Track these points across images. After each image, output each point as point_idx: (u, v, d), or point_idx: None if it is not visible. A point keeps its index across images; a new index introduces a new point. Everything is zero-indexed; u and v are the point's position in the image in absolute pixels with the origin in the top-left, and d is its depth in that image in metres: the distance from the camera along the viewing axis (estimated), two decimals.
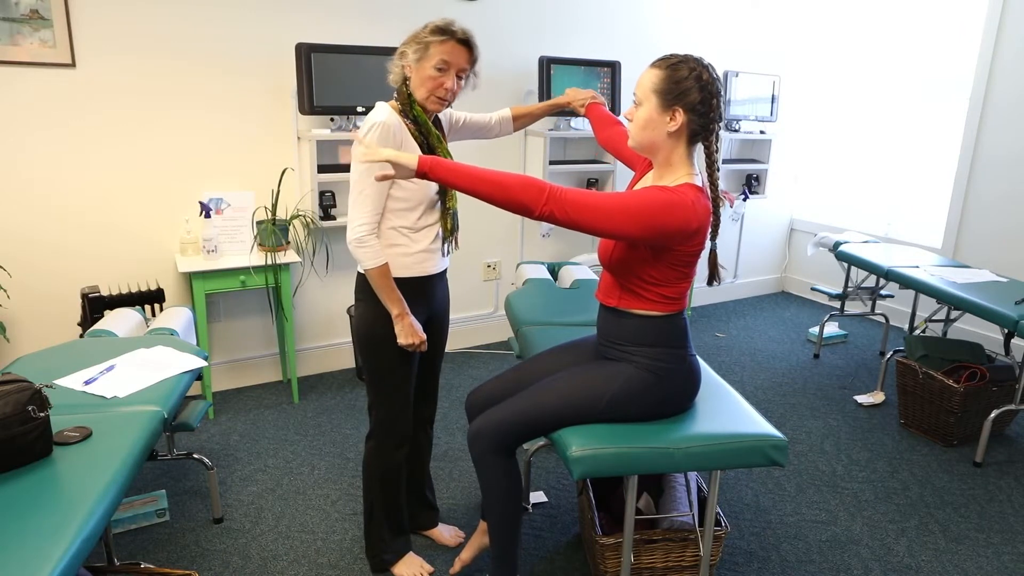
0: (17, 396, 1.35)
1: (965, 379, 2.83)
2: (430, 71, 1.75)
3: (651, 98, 1.54)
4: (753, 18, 4.51)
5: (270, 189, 3.18)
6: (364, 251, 1.74)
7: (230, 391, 3.29)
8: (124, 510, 2.23)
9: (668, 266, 1.58)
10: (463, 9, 3.47)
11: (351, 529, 2.27)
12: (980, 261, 3.87)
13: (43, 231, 2.79)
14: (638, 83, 1.58)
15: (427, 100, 1.77)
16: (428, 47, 1.74)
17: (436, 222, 1.88)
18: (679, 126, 1.54)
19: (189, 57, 2.90)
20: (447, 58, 1.75)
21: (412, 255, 1.85)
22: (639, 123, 1.58)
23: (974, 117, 3.83)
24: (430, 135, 1.80)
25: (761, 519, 2.38)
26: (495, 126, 2.14)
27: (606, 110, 2.12)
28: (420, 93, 1.76)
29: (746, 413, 1.77)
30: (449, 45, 1.75)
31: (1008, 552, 2.24)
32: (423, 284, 1.90)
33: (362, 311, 1.86)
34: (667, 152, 1.59)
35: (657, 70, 1.55)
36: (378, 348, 1.86)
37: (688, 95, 1.52)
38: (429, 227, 1.86)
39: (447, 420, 3.04)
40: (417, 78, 1.76)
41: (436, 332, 2.06)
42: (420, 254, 1.86)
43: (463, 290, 3.87)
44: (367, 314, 1.84)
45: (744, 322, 4.50)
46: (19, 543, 1.14)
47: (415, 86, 1.77)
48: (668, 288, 1.61)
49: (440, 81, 1.75)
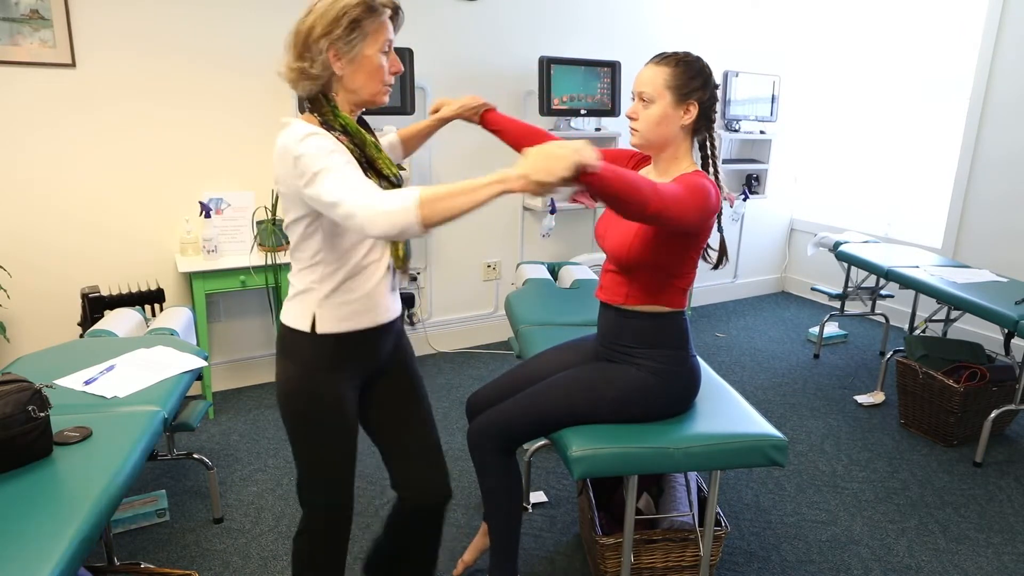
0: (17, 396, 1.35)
1: (965, 379, 2.83)
2: (376, 58, 1.34)
3: (665, 94, 1.58)
4: (753, 18, 4.51)
5: (270, 189, 3.18)
6: (394, 202, 1.18)
7: (230, 391, 3.29)
8: (124, 510, 2.23)
9: (690, 253, 1.62)
10: (463, 9, 3.46)
11: (351, 529, 2.27)
12: (980, 261, 3.87)
13: (43, 231, 2.79)
14: (645, 81, 1.60)
15: (377, 95, 1.38)
16: (362, 26, 1.30)
17: (383, 255, 1.45)
18: (692, 119, 1.60)
19: (189, 57, 2.90)
20: (389, 35, 1.36)
21: (353, 303, 1.41)
22: (653, 119, 1.59)
23: (974, 117, 3.82)
24: (366, 145, 1.37)
25: (761, 519, 2.38)
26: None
27: (503, 114, 1.84)
28: (369, 90, 1.36)
29: (746, 413, 1.77)
30: (385, 18, 1.35)
31: (1008, 552, 2.23)
32: (371, 338, 1.47)
33: (282, 368, 1.43)
34: (676, 146, 1.63)
35: (666, 67, 1.58)
36: (306, 415, 1.43)
37: (700, 89, 1.59)
38: (376, 262, 1.44)
39: (447, 420, 3.04)
40: (360, 72, 1.34)
41: (405, 388, 1.59)
42: (363, 300, 1.42)
43: (463, 290, 3.87)
44: (288, 370, 1.42)
45: (744, 322, 4.50)
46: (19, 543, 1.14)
47: (358, 84, 1.35)
48: (682, 279, 1.65)
49: (390, 66, 1.38)
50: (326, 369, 1.43)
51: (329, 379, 1.43)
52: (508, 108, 3.72)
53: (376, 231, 1.19)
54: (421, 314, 3.76)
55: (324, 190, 1.23)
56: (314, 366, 1.42)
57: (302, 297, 1.42)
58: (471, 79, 3.57)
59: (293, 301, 1.43)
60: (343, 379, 1.45)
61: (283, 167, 1.29)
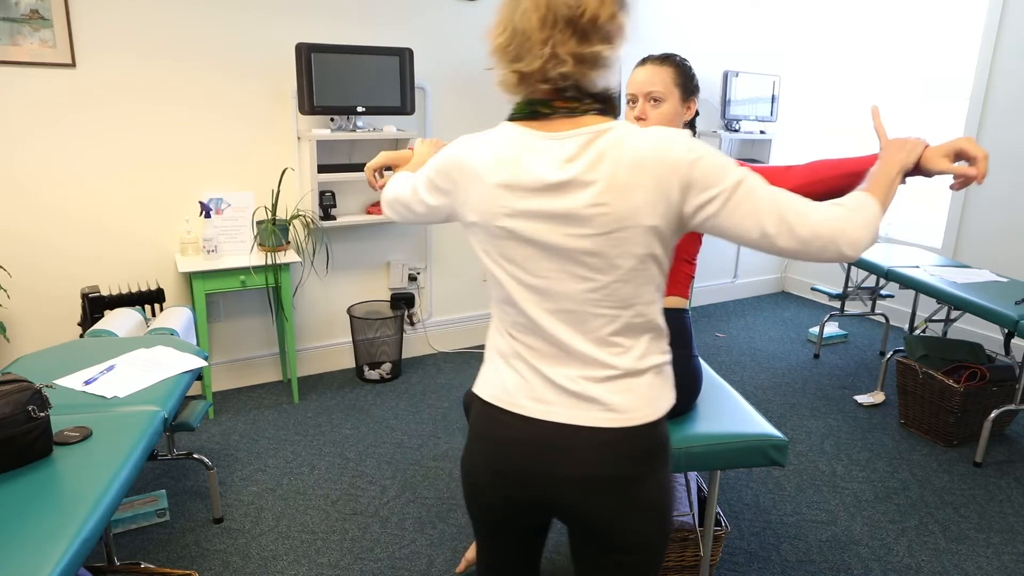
0: (17, 396, 1.35)
1: (965, 379, 2.83)
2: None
3: (674, 92, 1.62)
4: (753, 18, 4.51)
5: (270, 189, 3.18)
6: (860, 204, 1.01)
7: (230, 391, 3.29)
8: (124, 510, 2.23)
9: (699, 237, 1.70)
10: (463, 9, 3.46)
11: (351, 529, 2.27)
12: (980, 261, 3.87)
13: (43, 231, 2.79)
14: (653, 81, 1.63)
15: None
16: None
17: None
18: (691, 116, 1.67)
19: (189, 57, 2.90)
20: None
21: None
22: (666, 118, 1.63)
23: (974, 117, 3.82)
24: None
25: (761, 519, 2.38)
26: None
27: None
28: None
29: (746, 413, 1.77)
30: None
31: (1008, 552, 2.23)
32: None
33: (664, 478, 1.07)
34: None
35: (669, 67, 1.63)
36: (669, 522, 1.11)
37: (696, 87, 1.66)
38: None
39: (447, 420, 3.04)
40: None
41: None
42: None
43: (463, 290, 3.87)
44: (665, 481, 1.08)
45: (744, 322, 4.50)
46: (19, 543, 1.14)
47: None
48: (691, 265, 1.70)
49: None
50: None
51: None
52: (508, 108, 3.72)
53: (870, 240, 0.99)
54: (421, 314, 3.77)
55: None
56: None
57: (664, 370, 1.07)
58: (471, 79, 3.57)
59: (647, 379, 1.04)
60: None
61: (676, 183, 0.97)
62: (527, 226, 1.00)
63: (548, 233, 0.99)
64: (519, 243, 1.01)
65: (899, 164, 1.09)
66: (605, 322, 1.01)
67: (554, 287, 1.01)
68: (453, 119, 3.58)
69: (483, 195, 1.03)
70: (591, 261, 0.98)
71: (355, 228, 3.46)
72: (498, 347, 1.11)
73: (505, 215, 1.01)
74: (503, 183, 1.01)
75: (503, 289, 1.06)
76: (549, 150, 0.99)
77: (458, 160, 1.07)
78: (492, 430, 1.08)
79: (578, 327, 1.01)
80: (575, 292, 1.00)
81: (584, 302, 1.00)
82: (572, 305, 1.01)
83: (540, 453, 1.03)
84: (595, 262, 0.98)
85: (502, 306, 1.08)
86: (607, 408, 1.01)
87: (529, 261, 1.02)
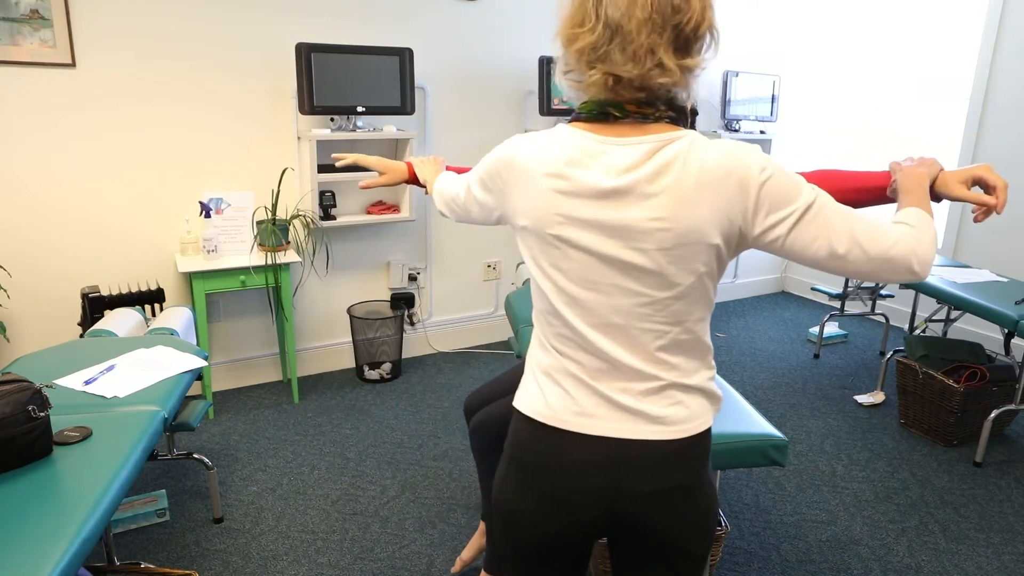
0: (17, 396, 1.35)
1: (965, 379, 2.83)
2: None
3: None
4: (753, 18, 4.51)
5: (270, 189, 3.18)
6: (917, 219, 1.00)
7: (230, 391, 3.29)
8: (124, 510, 2.23)
9: None
10: (463, 9, 3.46)
11: (351, 529, 2.27)
12: (980, 261, 3.87)
13: (43, 231, 2.79)
14: None
15: None
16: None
17: None
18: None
19: (189, 57, 2.90)
20: None
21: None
22: None
23: (974, 117, 3.82)
24: None
25: (761, 519, 2.38)
26: None
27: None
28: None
29: (746, 413, 1.77)
30: None
31: (1008, 552, 2.23)
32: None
33: (710, 489, 1.07)
34: None
35: None
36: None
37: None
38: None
39: (447, 420, 3.04)
40: None
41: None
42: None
43: (463, 290, 3.87)
44: (708, 486, 1.07)
45: (744, 322, 4.50)
46: (19, 543, 1.14)
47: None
48: None
49: None
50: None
51: None
52: (508, 108, 3.73)
53: (934, 257, 1.00)
54: (421, 314, 3.77)
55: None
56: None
57: (710, 384, 1.06)
58: (471, 79, 3.57)
59: (697, 392, 1.03)
60: None
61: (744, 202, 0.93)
62: (581, 235, 0.95)
63: (602, 244, 0.95)
64: (571, 252, 0.97)
65: (927, 177, 1.07)
66: (653, 337, 0.98)
67: (603, 300, 0.97)
68: (453, 119, 3.58)
69: (535, 199, 0.98)
70: (647, 277, 0.94)
71: (355, 228, 3.46)
72: (540, 362, 1.06)
73: (558, 223, 0.96)
74: (557, 188, 0.96)
75: (547, 300, 1.02)
76: (609, 155, 0.94)
77: (508, 160, 1.02)
78: (543, 453, 1.03)
79: (625, 342, 0.98)
80: (625, 306, 0.96)
81: (632, 316, 0.97)
82: (619, 319, 0.97)
83: (604, 471, 1.00)
84: (651, 278, 0.94)
85: (546, 317, 1.04)
86: (662, 421, 0.99)
87: (579, 272, 0.97)
